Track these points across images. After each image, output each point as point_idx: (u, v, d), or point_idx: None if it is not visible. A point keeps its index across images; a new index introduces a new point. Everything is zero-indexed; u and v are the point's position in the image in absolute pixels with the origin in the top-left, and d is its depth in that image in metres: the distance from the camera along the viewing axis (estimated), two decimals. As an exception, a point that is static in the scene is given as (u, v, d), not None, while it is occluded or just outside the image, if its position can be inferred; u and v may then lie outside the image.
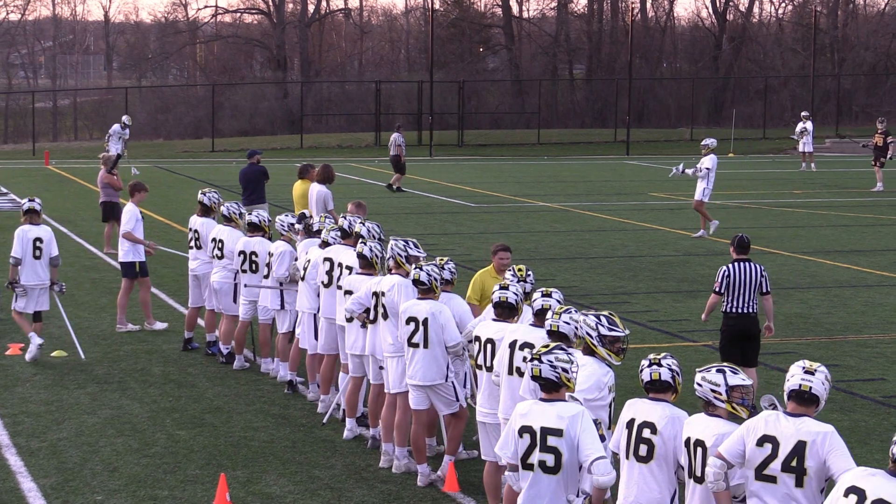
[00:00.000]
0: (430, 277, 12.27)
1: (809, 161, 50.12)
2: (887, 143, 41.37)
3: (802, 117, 50.67)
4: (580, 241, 29.50)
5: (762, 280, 14.96)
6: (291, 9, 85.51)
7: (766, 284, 15.00)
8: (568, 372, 8.96)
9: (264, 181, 26.26)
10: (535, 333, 10.70)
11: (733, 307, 15.00)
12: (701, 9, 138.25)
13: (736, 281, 14.95)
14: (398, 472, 12.78)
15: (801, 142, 50.54)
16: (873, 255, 27.34)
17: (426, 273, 12.26)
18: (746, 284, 14.91)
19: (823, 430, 8.17)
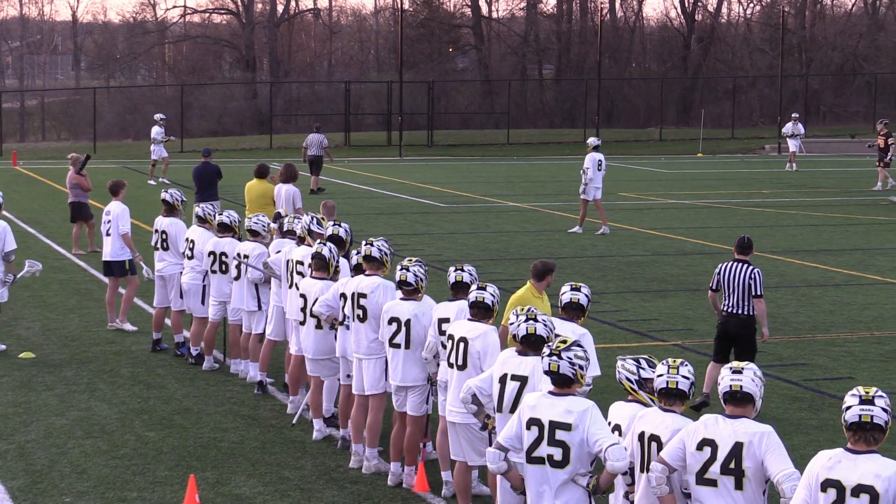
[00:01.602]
0: (417, 279, 12.25)
1: (791, 161, 50.30)
2: (888, 145, 41.68)
3: (794, 118, 50.88)
4: (550, 241, 29.53)
5: (751, 283, 14.92)
6: (260, 9, 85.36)
7: (755, 287, 14.93)
8: (584, 369, 8.92)
9: (217, 179, 26.97)
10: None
11: (726, 306, 15.14)
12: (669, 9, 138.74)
13: (727, 280, 15.06)
14: (368, 473, 12.76)
15: (790, 142, 50.70)
16: (841, 255, 27.46)
17: (413, 274, 12.23)
18: (737, 285, 14.98)
19: (760, 431, 8.12)
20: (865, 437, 7.56)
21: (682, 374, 8.67)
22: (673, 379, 8.67)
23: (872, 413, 7.56)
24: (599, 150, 31.36)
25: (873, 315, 20.85)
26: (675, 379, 8.67)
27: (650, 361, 9.30)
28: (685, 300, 22.12)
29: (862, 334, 19.38)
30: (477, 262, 25.44)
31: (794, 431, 14.12)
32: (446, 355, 11.45)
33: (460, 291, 12.08)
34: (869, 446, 7.55)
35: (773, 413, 14.68)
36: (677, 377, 8.67)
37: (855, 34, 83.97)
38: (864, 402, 7.60)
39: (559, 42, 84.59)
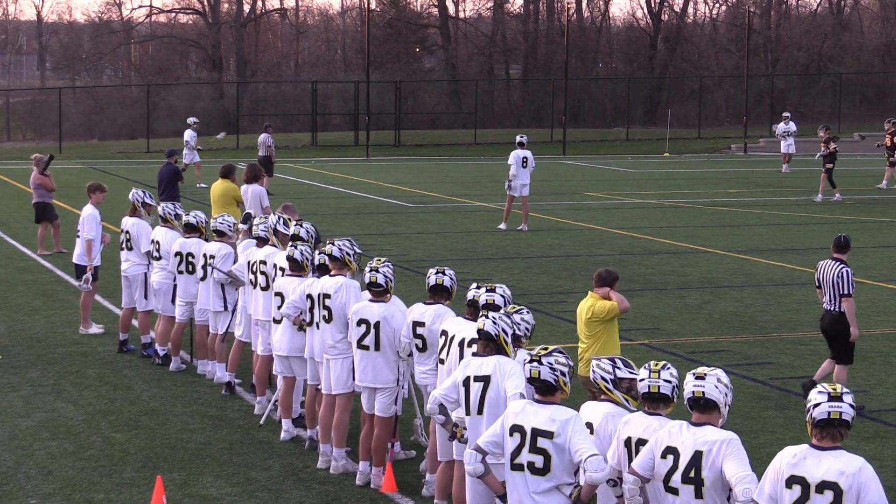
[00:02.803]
0: (387, 280, 12.23)
1: (783, 162, 50.42)
2: (894, 143, 42.08)
3: (784, 118, 51.06)
4: (517, 240, 29.56)
5: (838, 281, 15.28)
6: (227, 9, 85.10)
7: (843, 286, 15.27)
8: (566, 376, 8.84)
9: (178, 181, 27.07)
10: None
11: (823, 303, 15.62)
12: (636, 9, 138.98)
13: (822, 278, 15.53)
14: (336, 473, 12.75)
15: (783, 143, 50.83)
16: (807, 254, 27.58)
17: (383, 275, 12.21)
18: (829, 283, 15.40)
19: (721, 439, 8.07)
20: (832, 434, 7.60)
21: (664, 377, 8.64)
22: (655, 383, 8.64)
23: (841, 410, 7.61)
24: (525, 147, 31.63)
25: (839, 314, 20.93)
26: (657, 383, 8.63)
27: (626, 361, 9.32)
28: (652, 299, 22.19)
29: (828, 333, 19.46)
30: (445, 261, 25.44)
31: (760, 430, 14.19)
32: (437, 351, 11.42)
33: (438, 294, 12.05)
34: (834, 442, 7.60)
35: (740, 411, 14.74)
36: (659, 381, 8.63)
37: (820, 34, 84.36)
38: (833, 398, 7.64)
39: (526, 42, 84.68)
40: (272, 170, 40.32)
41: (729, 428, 8.30)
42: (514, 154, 31.50)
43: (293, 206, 18.01)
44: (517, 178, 31.14)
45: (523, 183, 31.21)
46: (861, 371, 17.02)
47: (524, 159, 31.31)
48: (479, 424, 9.82)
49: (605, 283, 13.45)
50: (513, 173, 31.18)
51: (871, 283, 23.91)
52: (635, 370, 9.36)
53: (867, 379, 16.62)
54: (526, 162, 31.32)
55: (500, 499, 9.02)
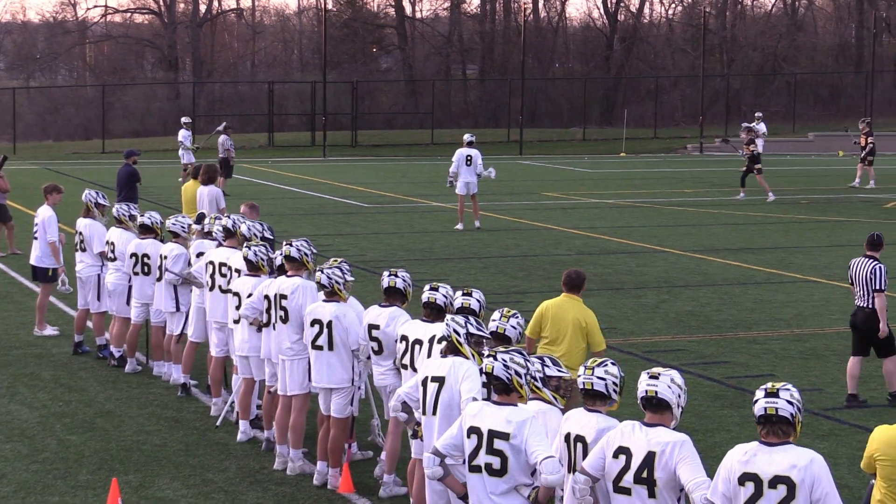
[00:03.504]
0: (331, 281, 12.22)
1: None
2: (868, 143, 42.56)
3: (756, 118, 51.30)
4: (474, 240, 29.59)
5: (871, 277, 15.45)
6: (183, 9, 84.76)
7: (876, 281, 15.45)
8: (521, 377, 8.79)
9: (136, 182, 26.92)
10: None
11: (856, 299, 15.76)
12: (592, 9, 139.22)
13: (855, 275, 15.69)
14: (293, 474, 12.72)
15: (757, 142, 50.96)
16: (762, 253, 27.73)
17: (327, 277, 12.21)
18: (861, 279, 15.56)
19: (674, 441, 8.07)
20: (774, 430, 7.65)
21: (598, 374, 8.66)
22: (588, 380, 8.68)
23: (777, 406, 7.65)
24: (473, 146, 31.77)
25: (793, 313, 21.08)
26: (590, 380, 8.67)
27: (554, 360, 9.46)
28: (608, 299, 22.25)
29: (783, 332, 19.59)
30: (402, 262, 25.46)
31: (716, 429, 14.25)
32: (399, 357, 11.40)
33: (393, 297, 12.06)
34: (780, 438, 7.64)
35: (696, 410, 14.80)
36: (592, 378, 8.66)
37: (775, 35, 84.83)
38: (770, 395, 7.71)
39: (483, 42, 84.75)
40: (231, 171, 40.15)
41: (684, 426, 8.35)
42: (458, 152, 31.71)
43: (257, 206, 18.01)
44: (459, 176, 31.20)
45: (466, 181, 31.24)
46: (815, 369, 17.14)
47: (468, 158, 31.38)
48: (432, 425, 9.83)
49: (576, 285, 13.35)
50: (452, 171, 31.38)
51: (826, 281, 24.07)
52: (563, 369, 9.50)
53: (821, 377, 16.73)
54: (470, 160, 31.38)
55: (461, 500, 9.02)
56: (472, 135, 32.66)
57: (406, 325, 11.50)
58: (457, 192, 31.53)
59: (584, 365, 8.77)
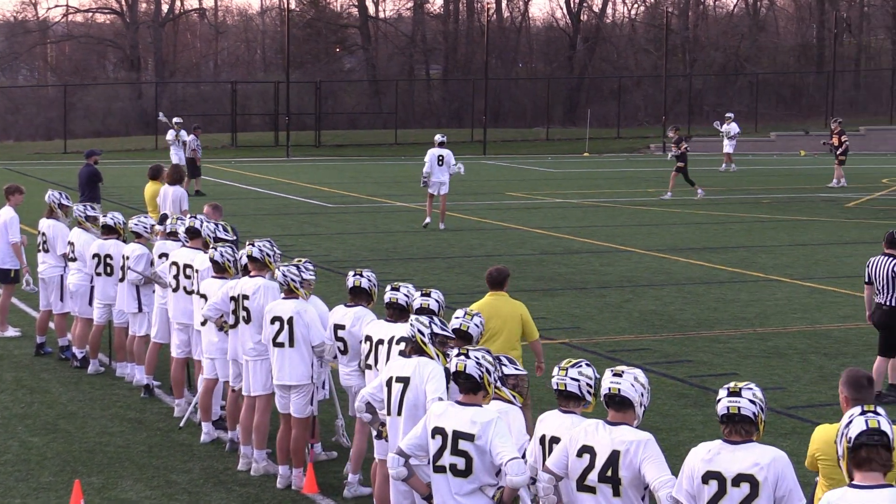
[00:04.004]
0: (287, 279, 12.20)
1: (729, 162, 50.95)
2: (842, 142, 42.85)
3: (727, 118, 51.59)
4: (438, 240, 29.59)
5: (894, 275, 15.55)
6: (145, 8, 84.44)
7: None
8: (490, 375, 8.81)
9: (97, 182, 26.79)
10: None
11: (877, 298, 15.83)
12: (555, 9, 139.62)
13: (875, 273, 15.76)
14: (257, 475, 12.69)
15: (725, 142, 51.31)
16: (724, 252, 27.84)
17: (282, 275, 12.20)
18: (882, 277, 15.65)
19: (638, 439, 8.08)
20: (736, 429, 7.68)
21: (571, 375, 8.67)
22: (562, 381, 8.68)
23: (739, 405, 7.68)
24: (444, 146, 31.88)
25: (756, 311, 21.16)
26: (563, 381, 8.68)
27: (510, 359, 9.52)
28: (572, 298, 22.29)
29: (745, 331, 19.67)
30: (366, 262, 25.44)
31: (680, 427, 14.30)
32: (363, 358, 11.38)
33: (358, 297, 12.05)
34: (742, 437, 7.67)
35: (660, 409, 14.85)
36: (566, 379, 8.67)
37: (737, 35, 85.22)
38: (732, 394, 7.73)
39: (446, 42, 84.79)
40: (198, 172, 40.05)
41: (648, 425, 8.36)
42: (430, 152, 31.73)
43: (220, 207, 17.96)
44: (432, 175, 31.26)
45: (440, 181, 31.32)
46: (778, 368, 17.21)
47: (440, 158, 31.43)
48: (397, 425, 9.82)
49: (499, 282, 13.42)
50: (426, 171, 31.42)
51: (788, 280, 24.19)
52: (519, 367, 9.59)
53: (783, 376, 16.81)
54: (442, 160, 31.43)
55: (426, 500, 9.01)
56: (442, 135, 32.72)
57: (370, 325, 11.50)
58: (430, 192, 31.55)
59: (557, 366, 8.77)
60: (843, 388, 8.77)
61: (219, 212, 17.60)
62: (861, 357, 17.71)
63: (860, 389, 8.69)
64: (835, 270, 25.45)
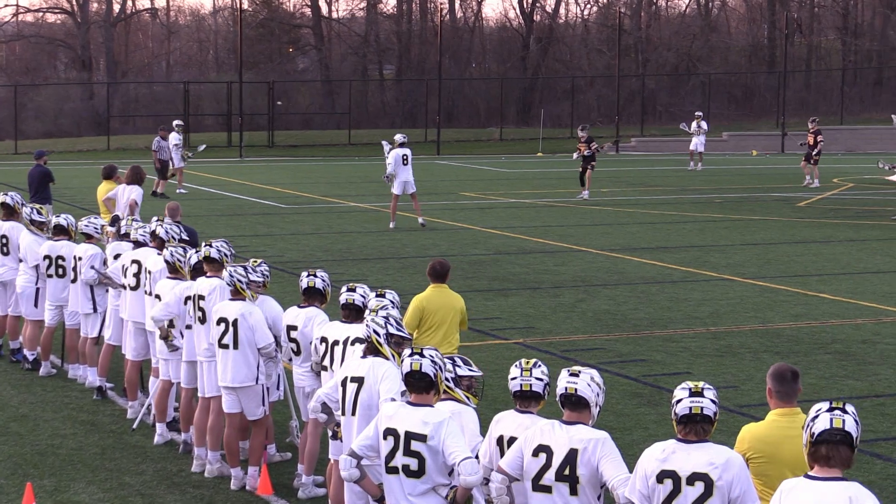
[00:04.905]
0: (233, 279, 12.16)
1: (698, 160, 51.20)
2: (818, 142, 43.13)
3: (696, 117, 51.84)
4: (392, 241, 29.57)
5: None
6: (96, 8, 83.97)
7: None
8: (443, 371, 8.84)
9: (48, 182, 26.60)
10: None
11: None
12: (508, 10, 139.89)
13: None
14: (211, 477, 12.64)
15: (694, 140, 51.52)
16: (678, 252, 27.96)
17: (229, 275, 12.17)
18: None
19: (595, 438, 8.11)
20: (696, 429, 7.71)
21: (536, 375, 8.68)
22: (527, 381, 8.66)
23: (702, 405, 7.72)
24: (406, 146, 32.04)
25: (709, 311, 21.27)
26: (528, 381, 8.66)
27: (465, 359, 9.50)
28: (526, 298, 22.33)
29: (698, 330, 19.75)
30: (320, 262, 25.39)
31: (634, 427, 14.35)
32: (319, 359, 11.35)
33: (312, 297, 12.03)
34: (699, 437, 7.71)
35: (614, 409, 14.89)
36: (531, 379, 8.66)
37: (689, 35, 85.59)
38: (694, 394, 7.76)
39: (399, 42, 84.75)
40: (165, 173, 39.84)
41: (602, 425, 8.38)
42: (394, 152, 31.69)
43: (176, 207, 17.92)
44: (398, 175, 31.34)
45: (404, 181, 31.43)
46: (730, 367, 17.30)
47: (404, 157, 31.52)
48: (351, 425, 9.81)
49: (441, 274, 13.57)
50: (390, 172, 31.54)
51: (741, 280, 24.31)
52: (474, 368, 9.55)
53: (736, 374, 16.89)
54: (406, 159, 31.55)
55: (377, 502, 9.00)
56: (404, 135, 32.75)
57: (325, 326, 11.48)
58: (393, 192, 31.56)
59: (518, 366, 8.77)
60: (768, 379, 8.87)
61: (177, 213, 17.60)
62: (812, 355, 17.84)
63: (783, 382, 8.77)
64: (786, 269, 25.61)
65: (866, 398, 15.65)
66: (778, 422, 8.74)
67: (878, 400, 15.60)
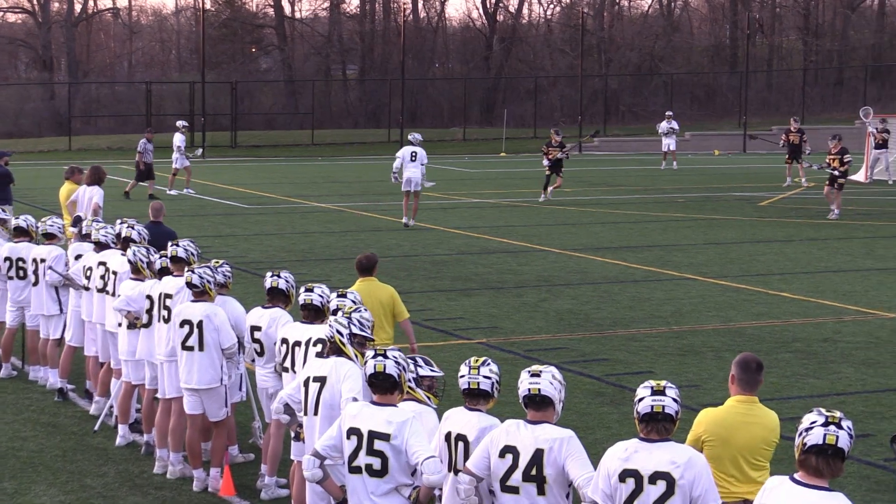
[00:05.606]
0: (203, 280, 12.13)
1: (672, 159, 51.42)
2: (802, 141, 43.35)
3: (667, 117, 52.04)
4: (355, 241, 29.54)
5: None
6: (57, 8, 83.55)
7: None
8: (405, 371, 8.82)
9: (9, 183, 26.44)
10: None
11: None
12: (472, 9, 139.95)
13: None
14: (173, 478, 12.60)
15: (664, 140, 51.76)
16: (640, 251, 28.04)
17: (198, 276, 12.12)
18: None
19: (560, 437, 8.14)
20: (657, 428, 7.74)
21: (484, 374, 8.69)
22: (475, 380, 8.68)
23: (664, 404, 7.74)
24: (417, 144, 32.35)
25: (671, 310, 21.33)
26: (476, 379, 8.68)
27: (426, 360, 9.50)
28: (490, 298, 22.35)
29: (660, 329, 19.81)
30: (283, 263, 25.34)
31: (596, 426, 14.38)
32: (280, 360, 11.32)
33: (276, 298, 12.00)
34: (661, 436, 7.73)
35: (577, 408, 14.91)
36: (479, 378, 8.68)
37: (651, 35, 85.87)
38: (656, 393, 7.78)
39: (363, 42, 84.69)
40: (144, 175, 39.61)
41: (565, 424, 8.39)
42: (404, 148, 32.05)
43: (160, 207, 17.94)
44: (404, 171, 31.51)
45: (408, 177, 31.45)
46: (692, 366, 17.36)
47: (413, 154, 31.64)
48: (314, 426, 9.79)
49: (367, 268, 13.79)
50: (396, 167, 31.74)
51: (703, 279, 24.40)
52: (435, 368, 9.56)
53: (698, 374, 16.95)
54: (415, 156, 31.61)
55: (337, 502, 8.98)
56: (415, 135, 33.01)
57: (286, 327, 11.44)
58: (405, 189, 31.72)
59: (466, 364, 8.78)
60: (733, 366, 9.10)
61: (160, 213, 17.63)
62: (774, 354, 17.92)
63: (747, 371, 9.02)
64: (748, 269, 25.72)
65: (827, 396, 15.74)
66: (736, 408, 9.03)
67: (839, 398, 15.68)
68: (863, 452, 13.42)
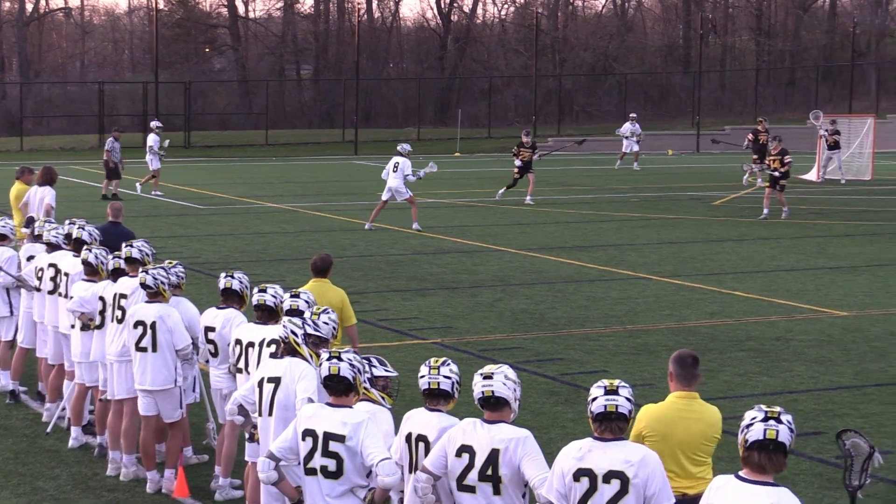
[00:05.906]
0: (157, 281, 12.08)
1: (633, 160, 51.60)
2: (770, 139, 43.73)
3: (631, 119, 52.23)
4: (310, 241, 29.48)
5: None
6: (8, 7, 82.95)
7: None
8: (362, 374, 8.80)
9: None
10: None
11: None
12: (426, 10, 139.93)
13: None
14: (126, 480, 12.54)
15: (625, 142, 51.97)
16: (595, 251, 28.12)
17: (152, 277, 12.07)
18: None
19: (516, 437, 8.15)
20: (611, 427, 7.76)
21: (444, 374, 8.67)
22: (435, 380, 8.66)
23: (617, 403, 7.77)
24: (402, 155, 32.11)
25: (626, 309, 21.40)
26: (436, 380, 8.66)
27: (381, 360, 9.50)
28: (444, 298, 22.36)
29: (615, 328, 19.87)
30: (237, 263, 25.26)
31: (551, 425, 14.41)
32: (234, 361, 11.27)
33: (230, 299, 11.97)
34: (615, 435, 7.76)
35: (531, 408, 14.94)
36: (439, 378, 8.66)
37: (605, 35, 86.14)
38: (610, 392, 7.80)
39: (317, 42, 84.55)
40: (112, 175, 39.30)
41: (520, 423, 8.40)
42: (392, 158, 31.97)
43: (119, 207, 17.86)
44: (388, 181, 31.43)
45: (390, 186, 31.31)
46: (647, 365, 17.42)
47: (395, 165, 31.54)
48: (268, 426, 9.76)
49: (322, 269, 13.80)
50: (383, 175, 31.77)
51: (657, 278, 24.49)
52: (390, 368, 9.57)
53: (653, 373, 17.01)
54: (396, 167, 31.49)
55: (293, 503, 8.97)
56: (403, 145, 32.85)
57: (239, 328, 11.41)
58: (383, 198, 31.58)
59: (426, 365, 8.76)
60: (670, 363, 9.27)
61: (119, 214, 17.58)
62: (727, 353, 18.01)
63: (683, 366, 9.18)
64: (702, 268, 25.84)
65: (780, 394, 15.84)
66: (675, 403, 9.16)
67: (792, 396, 15.79)
68: (815, 450, 13.52)
